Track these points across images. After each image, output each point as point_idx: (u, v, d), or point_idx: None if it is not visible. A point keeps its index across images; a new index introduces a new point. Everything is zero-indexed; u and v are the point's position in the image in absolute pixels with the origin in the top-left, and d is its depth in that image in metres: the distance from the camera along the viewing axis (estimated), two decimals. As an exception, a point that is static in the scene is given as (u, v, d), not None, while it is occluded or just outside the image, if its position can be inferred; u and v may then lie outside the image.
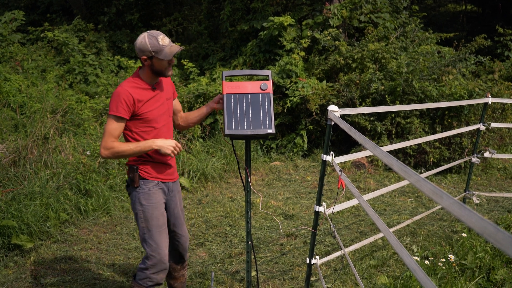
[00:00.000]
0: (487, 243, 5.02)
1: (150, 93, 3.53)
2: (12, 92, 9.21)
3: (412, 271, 1.88)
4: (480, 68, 11.08)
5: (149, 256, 3.59)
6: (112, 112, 3.39)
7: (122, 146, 3.41)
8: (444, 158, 8.58)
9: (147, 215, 3.55)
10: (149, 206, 3.55)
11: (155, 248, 3.57)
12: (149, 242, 3.57)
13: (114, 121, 3.40)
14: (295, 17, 11.19)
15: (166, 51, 3.42)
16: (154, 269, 3.60)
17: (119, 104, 3.37)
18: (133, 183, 3.55)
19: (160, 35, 3.43)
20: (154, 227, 3.57)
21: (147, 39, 3.39)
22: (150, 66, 3.47)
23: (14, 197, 5.89)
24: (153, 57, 3.42)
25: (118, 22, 15.11)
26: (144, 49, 3.39)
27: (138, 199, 3.55)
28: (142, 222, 3.57)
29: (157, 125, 3.56)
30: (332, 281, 4.70)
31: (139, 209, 3.56)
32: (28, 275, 4.87)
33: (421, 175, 1.72)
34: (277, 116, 9.85)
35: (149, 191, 3.56)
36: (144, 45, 3.38)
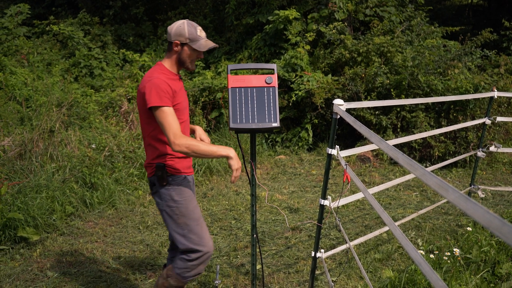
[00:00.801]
0: (492, 237, 5.01)
1: (179, 83, 3.47)
2: (18, 86, 9.23)
3: (417, 265, 1.88)
4: (486, 62, 11.05)
5: (193, 250, 3.46)
6: (160, 104, 3.22)
7: (196, 142, 3.25)
8: (450, 152, 8.57)
9: (183, 210, 3.44)
10: (183, 200, 3.44)
11: (198, 241, 3.46)
12: (190, 237, 3.45)
13: (168, 112, 3.23)
14: (300, 10, 11.18)
15: (202, 43, 3.37)
16: (198, 261, 3.49)
17: (162, 94, 3.23)
18: (162, 181, 3.41)
19: (199, 27, 3.38)
20: (192, 221, 3.46)
21: (186, 25, 3.33)
22: (179, 54, 3.39)
23: (20, 190, 5.92)
24: (186, 44, 3.35)
25: (123, 16, 15.11)
26: (180, 34, 3.32)
27: (170, 196, 3.43)
28: (178, 219, 3.44)
29: (184, 118, 3.48)
30: (337, 275, 4.71)
31: (173, 206, 3.43)
32: (34, 267, 4.89)
33: (426, 169, 1.72)
34: (282, 110, 9.84)
35: (179, 186, 3.45)
36: (182, 30, 3.32)
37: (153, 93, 3.23)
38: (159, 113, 3.23)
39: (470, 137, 8.44)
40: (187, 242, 3.45)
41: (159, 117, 3.24)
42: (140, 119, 3.45)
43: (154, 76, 3.30)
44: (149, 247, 5.40)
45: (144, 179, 7.30)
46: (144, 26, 14.50)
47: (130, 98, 9.98)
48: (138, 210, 6.52)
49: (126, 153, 7.51)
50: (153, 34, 14.32)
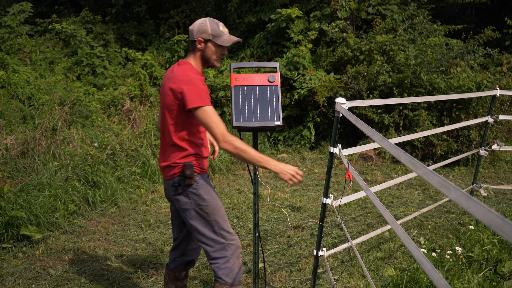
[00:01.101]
0: (494, 235, 5.01)
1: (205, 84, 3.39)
2: (20, 84, 9.24)
3: (419, 263, 1.88)
4: (489, 61, 11.04)
5: (226, 246, 3.42)
6: (203, 103, 3.17)
7: (244, 144, 3.20)
8: (452, 151, 8.56)
9: (213, 208, 3.38)
10: (211, 198, 3.38)
11: (229, 236, 3.44)
12: (221, 233, 3.42)
13: (212, 111, 3.19)
14: (302, 9, 11.17)
15: (225, 38, 3.34)
16: (235, 256, 3.46)
17: (203, 94, 3.19)
18: (190, 180, 3.32)
19: (221, 23, 3.36)
20: (220, 217, 3.42)
21: (208, 22, 3.31)
22: (202, 51, 3.34)
23: (23, 188, 5.93)
24: (209, 40, 3.31)
25: (126, 14, 15.11)
26: (203, 30, 3.29)
27: (199, 195, 3.35)
28: (209, 216, 3.39)
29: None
30: (339, 273, 4.71)
31: (202, 205, 3.36)
32: (36, 265, 4.90)
33: (428, 167, 1.72)
34: (285, 108, 9.85)
35: (206, 184, 3.39)
36: (204, 27, 3.29)
37: (194, 94, 3.17)
38: (203, 113, 3.17)
39: (472, 135, 8.43)
40: (218, 238, 3.41)
41: (203, 117, 3.18)
42: (165, 120, 3.37)
43: (191, 76, 3.24)
44: (152, 246, 5.41)
45: (146, 177, 7.30)
46: (146, 25, 14.51)
47: (133, 96, 9.99)
48: (141, 208, 6.53)
49: (128, 151, 7.52)
50: (155, 33, 14.33)
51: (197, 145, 3.37)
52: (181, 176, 3.34)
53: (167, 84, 3.32)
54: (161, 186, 7.22)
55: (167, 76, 3.39)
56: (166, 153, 3.41)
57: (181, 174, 3.34)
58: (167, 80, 3.34)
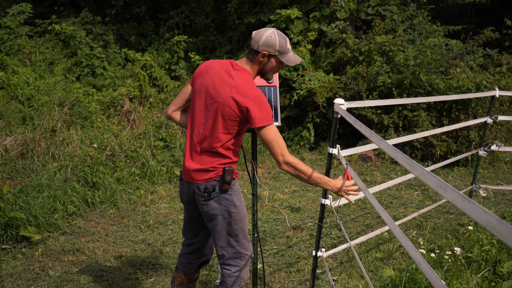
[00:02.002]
0: (493, 236, 5.02)
1: None
2: (20, 85, 9.24)
3: (417, 264, 1.89)
4: (488, 61, 11.04)
5: (243, 256, 3.40)
6: (271, 123, 3.11)
7: (304, 167, 3.18)
8: (451, 151, 8.56)
9: (242, 215, 3.34)
10: (241, 205, 3.34)
11: (248, 246, 3.41)
12: (243, 242, 3.38)
13: (277, 131, 3.15)
14: (302, 9, 11.17)
15: (291, 57, 3.23)
16: (246, 267, 3.46)
17: (270, 112, 3.13)
18: (229, 186, 3.25)
19: (288, 39, 3.25)
20: (245, 226, 3.39)
21: (277, 37, 3.17)
22: (263, 64, 3.23)
23: (22, 189, 5.93)
24: (274, 56, 3.20)
25: (125, 15, 15.12)
26: (271, 45, 3.15)
27: (232, 201, 3.29)
28: (236, 224, 3.33)
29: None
30: (338, 274, 4.71)
31: (233, 212, 3.30)
32: (36, 266, 4.90)
33: (428, 168, 1.73)
34: (284, 109, 9.85)
35: (238, 191, 3.34)
36: (273, 41, 3.15)
37: (265, 112, 3.10)
38: (269, 132, 3.11)
39: (471, 136, 8.43)
40: (239, 247, 3.38)
41: (268, 136, 3.12)
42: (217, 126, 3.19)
43: (258, 92, 3.13)
44: (151, 247, 5.41)
45: (146, 178, 7.30)
46: (146, 25, 14.51)
47: (132, 97, 9.99)
48: (140, 209, 6.54)
49: (127, 152, 7.52)
50: (155, 33, 14.33)
51: (237, 154, 3.32)
52: (218, 181, 3.24)
53: (226, 91, 3.14)
54: (161, 187, 7.21)
55: (219, 77, 3.20)
56: (202, 156, 3.26)
57: (219, 179, 3.24)
58: (223, 84, 3.17)
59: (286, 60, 3.20)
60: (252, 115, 3.07)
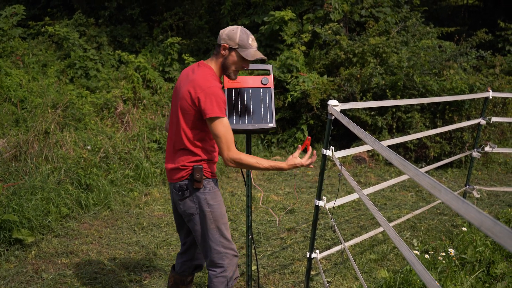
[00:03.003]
0: (487, 237, 5.03)
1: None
2: (13, 87, 9.21)
3: (411, 265, 1.89)
4: (481, 63, 11.08)
5: (224, 255, 3.39)
6: (218, 115, 3.12)
7: (250, 160, 3.21)
8: (445, 153, 8.58)
9: (217, 214, 3.34)
10: (216, 204, 3.34)
11: (228, 244, 3.40)
12: (221, 241, 3.37)
13: (224, 124, 3.14)
14: (296, 11, 11.18)
15: (251, 51, 3.26)
16: (232, 266, 3.43)
17: (222, 105, 3.14)
18: (199, 184, 3.27)
19: (252, 36, 3.32)
20: (223, 225, 3.38)
21: (239, 31, 3.25)
22: (224, 58, 3.28)
23: (15, 192, 5.90)
24: (234, 49, 3.25)
25: (119, 17, 15.08)
26: (231, 38, 3.24)
27: (205, 200, 3.31)
28: (211, 223, 3.34)
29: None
30: (332, 275, 4.71)
31: (207, 210, 3.31)
32: (29, 269, 4.88)
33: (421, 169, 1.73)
34: (278, 111, 9.85)
35: (214, 190, 3.34)
36: (234, 34, 3.24)
37: (214, 103, 3.11)
38: (217, 124, 3.13)
39: (465, 137, 8.45)
40: (217, 247, 3.37)
41: (216, 128, 3.14)
42: (178, 122, 3.29)
43: (212, 83, 3.17)
44: (145, 249, 5.40)
45: (139, 180, 7.28)
46: (140, 27, 14.48)
47: (126, 99, 9.97)
48: (134, 211, 6.52)
49: (121, 154, 7.50)
50: (149, 35, 14.31)
51: (209, 152, 3.32)
52: (190, 180, 3.28)
53: (185, 86, 3.23)
54: (155, 189, 7.20)
55: (185, 76, 3.32)
56: (175, 156, 3.32)
57: (190, 178, 3.28)
58: (186, 80, 3.26)
59: (246, 54, 3.25)
60: (202, 106, 3.14)
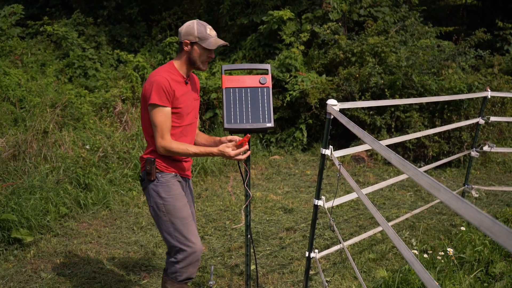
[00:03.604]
0: (485, 236, 5.03)
1: (183, 86, 3.43)
2: (11, 86, 9.20)
3: (410, 264, 1.89)
4: (480, 62, 11.08)
5: (178, 250, 3.43)
6: (156, 102, 3.25)
7: (181, 147, 3.32)
8: (444, 152, 8.59)
9: (169, 208, 3.39)
10: (170, 197, 3.39)
11: (183, 240, 3.41)
12: (175, 235, 3.41)
13: (162, 113, 3.27)
14: (294, 11, 11.18)
15: (211, 41, 3.35)
16: (185, 263, 3.45)
17: (161, 94, 3.24)
18: (150, 176, 3.38)
19: (209, 26, 3.39)
20: (178, 219, 3.40)
21: (195, 25, 3.33)
22: (189, 53, 3.38)
23: (14, 191, 5.90)
24: (195, 43, 3.34)
25: (118, 16, 15.07)
26: (189, 33, 3.32)
27: (157, 192, 3.39)
28: (164, 216, 3.40)
29: (182, 123, 3.45)
30: (331, 275, 4.71)
31: (159, 203, 3.39)
32: (28, 268, 4.88)
33: (420, 169, 1.73)
34: (277, 110, 9.85)
35: (167, 183, 3.40)
36: (191, 29, 3.32)
37: (154, 91, 3.25)
38: (154, 112, 3.28)
39: (464, 137, 8.46)
40: (172, 240, 3.44)
41: (152, 116, 3.29)
42: (141, 115, 3.45)
43: (159, 73, 3.31)
44: (144, 248, 5.40)
45: (138, 180, 7.28)
46: (139, 27, 14.48)
47: (124, 98, 9.96)
48: (132, 211, 6.52)
49: (120, 153, 7.50)
50: (148, 35, 14.30)
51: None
52: (145, 171, 3.45)
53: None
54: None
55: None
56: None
57: (145, 169, 3.44)
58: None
59: (207, 44, 3.35)
60: (147, 93, 3.29)
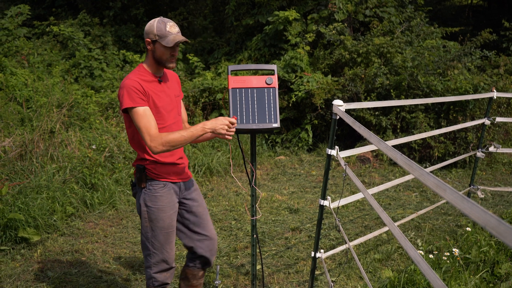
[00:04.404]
0: (491, 237, 5.03)
1: (157, 85, 3.35)
2: (18, 86, 9.24)
3: (416, 264, 1.90)
4: (486, 63, 11.06)
5: (151, 254, 3.45)
6: (131, 105, 3.15)
7: (172, 135, 3.18)
8: (449, 153, 8.58)
9: (152, 217, 3.38)
10: (154, 208, 3.37)
11: (158, 247, 3.43)
12: (152, 241, 3.42)
13: (140, 113, 3.16)
14: (300, 11, 11.19)
15: (170, 38, 3.25)
16: (156, 268, 3.46)
17: (134, 95, 3.16)
18: (140, 183, 3.37)
19: (170, 23, 3.30)
20: (158, 229, 3.40)
21: (155, 23, 3.27)
22: (152, 52, 3.31)
23: (21, 191, 5.93)
24: (156, 41, 3.27)
25: (124, 17, 15.12)
26: (149, 32, 3.27)
27: (143, 200, 3.38)
28: (145, 222, 3.40)
29: (166, 123, 3.36)
30: (336, 275, 4.72)
31: (143, 210, 3.39)
32: (35, 267, 4.90)
33: (426, 169, 1.74)
34: (282, 111, 9.86)
35: (155, 193, 3.37)
36: (151, 28, 3.27)
37: (125, 95, 3.17)
38: (134, 115, 3.17)
39: (469, 137, 8.45)
40: (147, 243, 3.45)
41: (134, 119, 3.18)
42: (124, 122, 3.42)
43: (128, 78, 3.25)
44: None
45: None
46: (144, 27, 14.51)
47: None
48: (139, 210, 6.53)
49: (126, 153, 7.52)
50: (153, 35, 14.32)
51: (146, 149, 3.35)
52: (136, 178, 3.43)
53: None
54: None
55: None
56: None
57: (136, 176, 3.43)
58: None
59: (166, 42, 3.25)
60: (119, 100, 3.24)
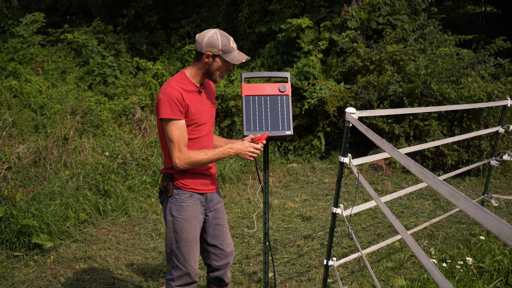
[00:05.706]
0: (505, 246, 4.99)
1: (197, 96, 3.30)
2: (32, 93, 9.33)
3: (429, 272, 1.89)
4: (500, 70, 10.99)
5: (175, 267, 3.43)
6: (169, 116, 3.14)
7: (199, 156, 3.21)
8: (463, 161, 8.53)
9: (177, 227, 3.36)
10: (180, 218, 3.35)
11: (182, 261, 3.41)
12: (176, 253, 3.40)
13: (177, 126, 3.16)
14: (313, 19, 11.19)
15: (235, 55, 3.25)
16: (179, 281, 3.45)
17: (174, 106, 3.12)
18: (167, 192, 3.35)
19: (231, 38, 3.28)
20: (182, 240, 3.38)
21: (219, 36, 3.20)
22: (208, 65, 3.25)
23: (35, 197, 5.97)
24: (218, 56, 3.22)
25: (137, 24, 15.22)
26: (213, 45, 3.18)
27: (169, 209, 3.37)
28: (170, 233, 3.39)
29: (199, 134, 3.34)
30: (349, 283, 4.70)
31: (169, 220, 3.38)
32: (48, 274, 4.93)
33: (439, 177, 1.74)
34: (295, 118, 9.86)
35: (182, 203, 3.35)
36: (215, 41, 3.18)
37: (166, 104, 3.14)
38: (169, 126, 3.17)
39: (483, 145, 8.40)
40: (172, 256, 3.45)
41: (168, 130, 3.18)
42: (158, 126, 3.36)
43: (170, 85, 3.19)
44: (162, 255, 5.43)
45: (157, 187, 7.33)
46: (158, 35, 14.59)
47: (143, 106, 10.04)
48: (151, 217, 6.55)
49: (139, 160, 7.55)
50: (166, 42, 14.41)
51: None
52: (163, 186, 3.42)
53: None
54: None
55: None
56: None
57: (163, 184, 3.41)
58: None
59: (231, 58, 3.24)
60: (158, 107, 3.19)
